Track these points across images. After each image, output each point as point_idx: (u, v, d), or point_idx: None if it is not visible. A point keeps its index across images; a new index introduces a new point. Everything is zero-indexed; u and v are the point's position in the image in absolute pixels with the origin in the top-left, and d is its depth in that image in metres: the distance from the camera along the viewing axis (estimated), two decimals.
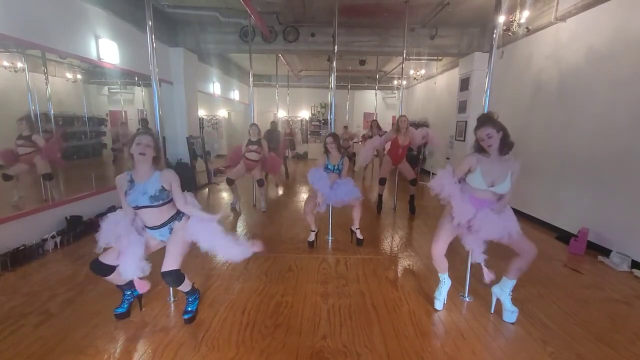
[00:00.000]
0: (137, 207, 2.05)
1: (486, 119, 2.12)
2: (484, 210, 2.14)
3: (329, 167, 3.48)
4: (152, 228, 2.14)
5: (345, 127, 8.79)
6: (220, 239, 2.08)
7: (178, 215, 2.18)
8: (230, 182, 4.99)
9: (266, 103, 12.24)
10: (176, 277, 2.08)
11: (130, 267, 2.00)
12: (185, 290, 2.25)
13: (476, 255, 2.19)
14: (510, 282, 2.26)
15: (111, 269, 2.04)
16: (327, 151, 3.50)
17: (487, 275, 2.22)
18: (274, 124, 7.72)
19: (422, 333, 2.14)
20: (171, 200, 2.13)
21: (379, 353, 1.94)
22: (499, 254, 2.28)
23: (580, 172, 3.90)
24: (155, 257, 2.31)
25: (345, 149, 3.65)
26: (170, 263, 2.05)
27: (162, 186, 2.05)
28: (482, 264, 2.19)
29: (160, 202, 2.05)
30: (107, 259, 2.04)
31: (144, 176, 2.04)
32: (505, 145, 2.10)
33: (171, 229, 2.16)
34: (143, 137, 2.02)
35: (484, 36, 6.13)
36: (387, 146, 5.04)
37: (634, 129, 3.24)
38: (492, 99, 2.46)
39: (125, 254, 2.01)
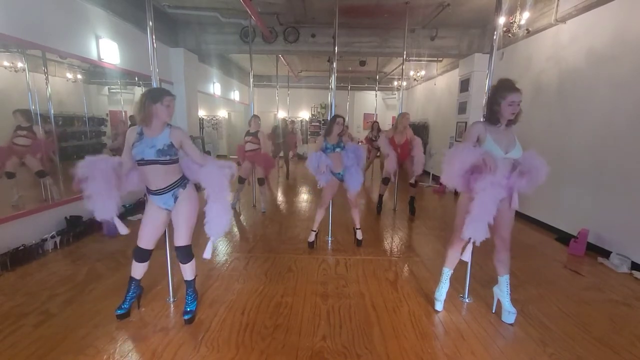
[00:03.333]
0: (142, 162, 2.01)
1: (516, 86, 2.03)
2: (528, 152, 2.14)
3: (328, 147, 3.36)
4: (155, 193, 2.09)
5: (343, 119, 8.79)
6: (224, 199, 2.13)
7: (182, 181, 2.14)
8: (241, 180, 4.98)
9: (266, 104, 12.24)
10: (187, 252, 2.19)
11: (106, 208, 2.04)
12: (189, 279, 2.25)
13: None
14: (504, 279, 2.27)
15: (149, 254, 2.21)
16: (329, 133, 3.37)
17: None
18: (283, 121, 8.64)
19: (422, 334, 2.14)
20: (177, 161, 2.11)
21: (379, 354, 1.94)
22: (490, 254, 2.28)
23: (580, 173, 3.90)
24: (154, 255, 2.30)
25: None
26: (181, 239, 2.14)
27: (171, 142, 2.03)
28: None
29: (168, 157, 2.02)
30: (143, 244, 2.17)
31: (155, 131, 2.03)
32: (518, 116, 2.09)
33: (176, 197, 2.11)
34: (173, 101, 2.06)
35: (484, 37, 6.14)
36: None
37: (634, 130, 3.25)
38: None
39: (99, 195, 2.01)
